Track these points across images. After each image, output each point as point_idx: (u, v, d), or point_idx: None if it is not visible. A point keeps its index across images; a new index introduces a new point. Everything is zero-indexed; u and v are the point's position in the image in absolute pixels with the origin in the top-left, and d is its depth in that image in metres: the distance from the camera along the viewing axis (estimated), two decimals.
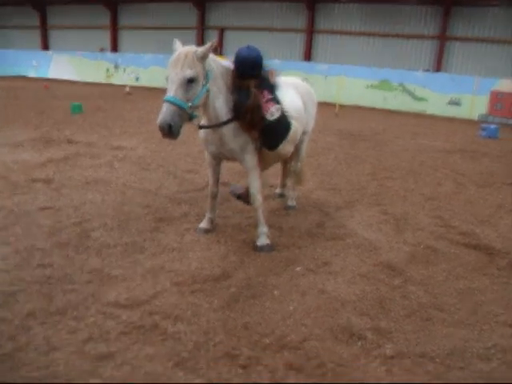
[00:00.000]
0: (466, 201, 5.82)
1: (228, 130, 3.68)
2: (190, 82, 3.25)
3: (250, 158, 3.82)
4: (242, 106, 3.52)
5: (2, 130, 8.95)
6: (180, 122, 3.27)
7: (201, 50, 3.31)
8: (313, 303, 3.09)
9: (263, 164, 3.97)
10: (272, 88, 3.74)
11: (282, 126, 3.78)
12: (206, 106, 3.58)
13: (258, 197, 3.93)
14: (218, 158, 4.08)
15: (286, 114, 3.80)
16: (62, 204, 4.80)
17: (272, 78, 3.79)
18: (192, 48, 3.34)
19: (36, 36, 30.68)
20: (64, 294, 3.02)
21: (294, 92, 4.42)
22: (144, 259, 3.63)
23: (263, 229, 3.99)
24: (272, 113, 3.61)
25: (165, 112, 3.19)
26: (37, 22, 30.23)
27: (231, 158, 3.94)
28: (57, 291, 3.04)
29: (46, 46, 30.70)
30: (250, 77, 3.59)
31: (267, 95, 3.62)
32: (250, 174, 3.90)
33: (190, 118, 3.38)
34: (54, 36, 30.45)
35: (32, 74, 29.25)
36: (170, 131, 3.22)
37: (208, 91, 3.45)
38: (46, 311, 2.80)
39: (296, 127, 4.05)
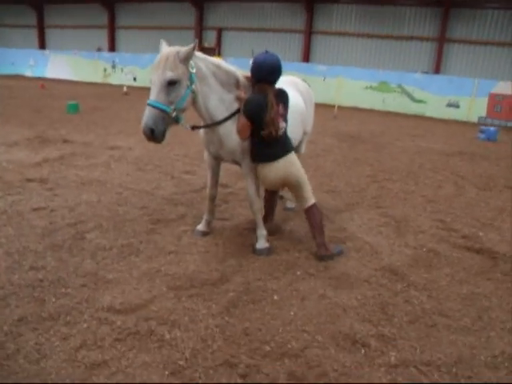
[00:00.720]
0: (467, 203, 5.75)
1: (226, 130, 3.58)
2: (172, 84, 3.13)
3: (249, 161, 3.72)
4: (260, 111, 3.39)
5: None
6: (163, 126, 3.18)
7: (183, 50, 3.17)
8: (314, 309, 3.00)
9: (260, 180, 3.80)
10: (287, 104, 3.62)
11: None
12: (197, 107, 3.49)
13: (255, 200, 3.84)
14: (218, 159, 3.99)
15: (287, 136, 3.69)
16: (57, 204, 4.69)
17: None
18: (174, 49, 3.20)
19: (33, 35, 30.58)
20: (57, 298, 2.92)
21: (295, 91, 4.33)
22: (140, 262, 3.53)
23: (262, 231, 3.89)
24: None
25: (147, 116, 3.12)
26: (34, 21, 30.12)
27: (231, 159, 3.83)
28: (49, 295, 2.94)
29: (43, 45, 30.59)
30: (267, 82, 3.47)
31: (281, 110, 3.52)
32: (248, 176, 3.80)
33: (176, 120, 3.27)
34: (51, 35, 30.36)
35: (29, 73, 29.10)
36: (152, 135, 3.15)
37: (194, 92, 3.33)
38: (38, 316, 2.70)
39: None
